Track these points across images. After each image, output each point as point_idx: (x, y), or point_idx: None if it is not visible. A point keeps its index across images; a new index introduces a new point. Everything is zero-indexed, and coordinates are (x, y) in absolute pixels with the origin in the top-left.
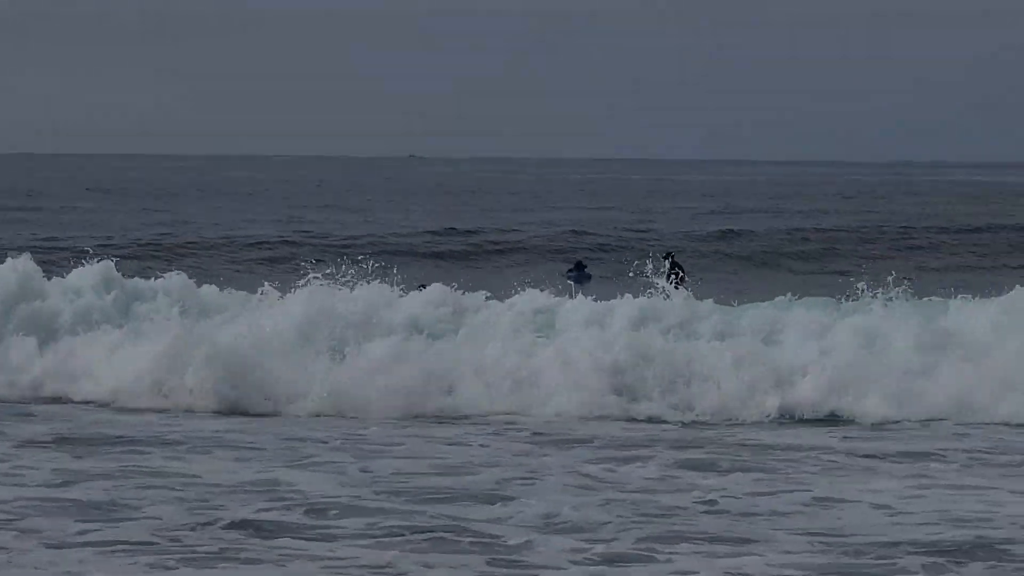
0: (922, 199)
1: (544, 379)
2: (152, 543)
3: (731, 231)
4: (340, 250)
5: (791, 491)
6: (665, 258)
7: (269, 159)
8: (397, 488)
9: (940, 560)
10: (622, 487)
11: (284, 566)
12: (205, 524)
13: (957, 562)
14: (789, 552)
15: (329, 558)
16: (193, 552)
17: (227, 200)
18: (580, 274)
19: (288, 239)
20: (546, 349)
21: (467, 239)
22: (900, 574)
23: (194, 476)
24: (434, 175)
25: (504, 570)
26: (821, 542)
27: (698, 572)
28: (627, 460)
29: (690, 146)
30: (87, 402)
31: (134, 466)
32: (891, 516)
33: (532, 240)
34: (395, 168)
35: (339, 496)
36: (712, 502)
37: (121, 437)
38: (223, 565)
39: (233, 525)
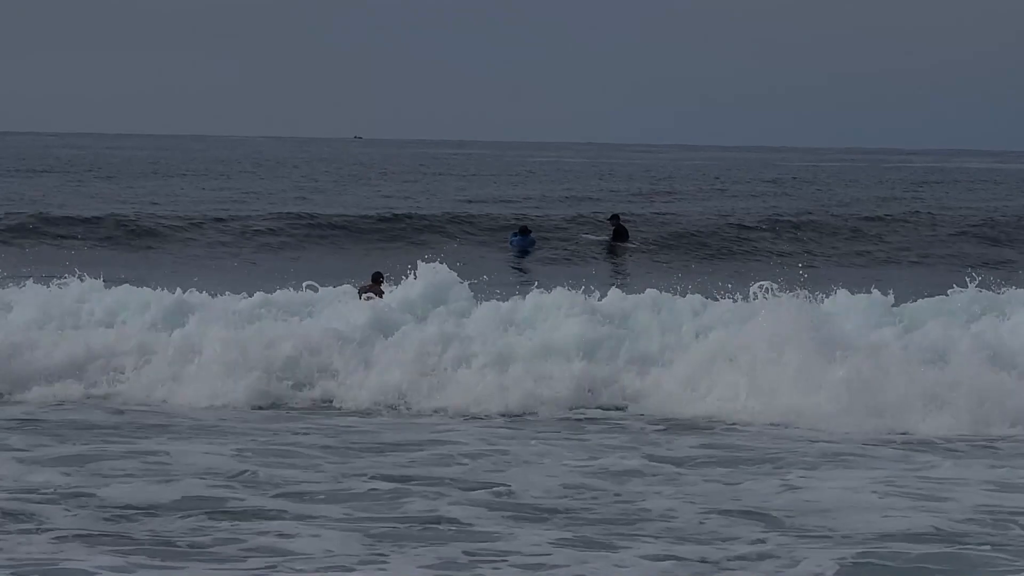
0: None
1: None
2: (118, 531)
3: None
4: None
5: (761, 484)
6: (611, 220)
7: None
8: (374, 475)
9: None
10: (595, 475)
11: (252, 552)
12: (173, 507)
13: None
14: (757, 543)
15: (299, 548)
16: (157, 537)
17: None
18: (524, 239)
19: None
20: None
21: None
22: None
23: (166, 461)
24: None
25: (480, 557)
26: (793, 536)
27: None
28: (602, 450)
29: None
30: None
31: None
32: (863, 510)
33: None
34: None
35: (318, 483)
36: (679, 493)
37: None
38: (188, 549)
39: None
